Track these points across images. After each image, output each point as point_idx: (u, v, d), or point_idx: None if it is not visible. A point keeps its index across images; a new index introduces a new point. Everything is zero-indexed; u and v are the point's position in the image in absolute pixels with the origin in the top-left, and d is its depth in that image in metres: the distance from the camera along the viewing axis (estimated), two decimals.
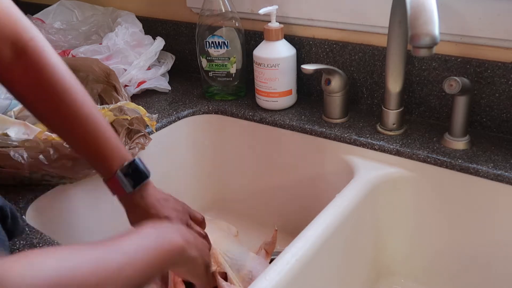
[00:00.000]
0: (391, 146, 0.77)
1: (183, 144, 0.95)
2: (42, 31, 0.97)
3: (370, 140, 0.79)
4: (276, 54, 0.87)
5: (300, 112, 0.90)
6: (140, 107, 0.82)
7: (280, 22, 0.88)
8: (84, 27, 1.10)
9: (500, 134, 0.79)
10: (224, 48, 0.93)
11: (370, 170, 0.76)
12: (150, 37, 1.04)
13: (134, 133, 0.79)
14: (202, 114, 0.95)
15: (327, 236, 0.64)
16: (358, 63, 0.88)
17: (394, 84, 0.78)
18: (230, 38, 0.92)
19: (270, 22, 0.87)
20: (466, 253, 0.76)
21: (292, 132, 0.86)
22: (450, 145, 0.75)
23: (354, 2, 0.84)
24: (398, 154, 0.77)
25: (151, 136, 0.83)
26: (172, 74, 1.06)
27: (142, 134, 0.80)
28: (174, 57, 1.07)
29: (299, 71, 0.86)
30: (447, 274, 0.79)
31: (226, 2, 0.91)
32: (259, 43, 0.90)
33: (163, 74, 1.04)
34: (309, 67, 0.79)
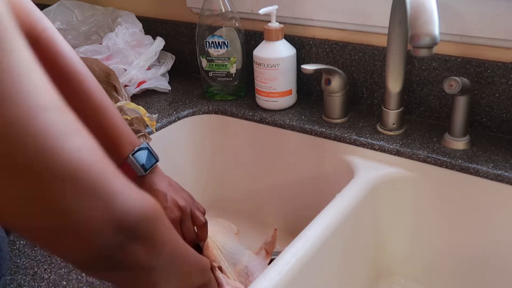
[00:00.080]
0: (391, 146, 0.77)
1: (183, 144, 0.95)
2: None
3: (370, 140, 0.79)
4: (276, 54, 0.87)
5: (300, 112, 0.90)
6: (140, 107, 0.82)
7: (280, 22, 0.88)
8: (84, 27, 1.10)
9: (500, 134, 0.79)
10: (224, 48, 0.93)
11: (370, 170, 0.76)
12: (150, 37, 1.04)
13: (134, 133, 0.79)
14: (202, 114, 0.95)
15: (327, 236, 0.64)
16: (358, 63, 0.88)
17: (394, 84, 0.78)
18: (230, 38, 0.92)
19: (270, 22, 0.87)
20: (466, 253, 0.76)
21: (292, 132, 0.86)
22: (450, 145, 0.75)
23: (354, 2, 0.84)
24: (398, 154, 0.77)
25: (151, 136, 0.83)
26: (172, 74, 1.06)
27: (142, 134, 0.80)
28: (174, 57, 1.07)
29: (299, 71, 0.86)
30: (447, 274, 0.79)
31: (226, 2, 0.91)
32: (259, 43, 0.90)
33: (163, 74, 1.04)
34: (309, 67, 0.79)
